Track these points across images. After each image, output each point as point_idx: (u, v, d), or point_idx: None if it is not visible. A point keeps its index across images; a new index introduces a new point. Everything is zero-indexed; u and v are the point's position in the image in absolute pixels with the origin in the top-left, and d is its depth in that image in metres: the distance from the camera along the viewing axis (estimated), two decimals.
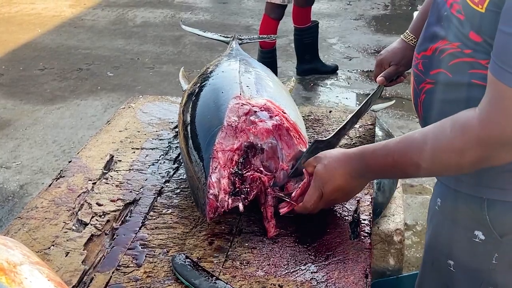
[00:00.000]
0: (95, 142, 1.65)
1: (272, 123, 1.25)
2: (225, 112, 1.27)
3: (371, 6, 6.44)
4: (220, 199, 1.17)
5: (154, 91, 4.35)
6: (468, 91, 1.02)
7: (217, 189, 1.18)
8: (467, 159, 0.98)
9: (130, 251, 1.21)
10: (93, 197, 1.39)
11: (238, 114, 1.26)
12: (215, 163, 1.19)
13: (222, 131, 1.23)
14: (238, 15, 6.26)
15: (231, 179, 1.19)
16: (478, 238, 1.12)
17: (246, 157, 1.22)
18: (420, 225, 2.83)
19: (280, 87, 1.56)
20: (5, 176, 3.37)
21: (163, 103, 1.90)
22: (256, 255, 1.20)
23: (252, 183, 1.21)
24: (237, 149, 1.21)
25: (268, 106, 1.29)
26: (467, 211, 1.13)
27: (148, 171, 1.51)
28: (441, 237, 1.22)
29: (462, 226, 1.15)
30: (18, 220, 1.32)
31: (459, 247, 1.17)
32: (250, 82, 1.42)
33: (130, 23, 6.04)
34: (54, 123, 3.96)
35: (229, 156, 1.20)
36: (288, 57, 4.94)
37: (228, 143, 1.22)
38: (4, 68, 4.94)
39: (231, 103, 1.29)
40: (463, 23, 0.98)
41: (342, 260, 1.17)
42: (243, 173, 1.20)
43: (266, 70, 1.61)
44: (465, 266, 1.17)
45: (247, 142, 1.22)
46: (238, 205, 1.18)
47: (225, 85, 1.40)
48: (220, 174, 1.18)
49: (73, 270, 1.15)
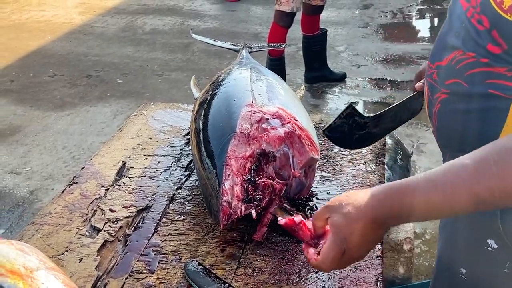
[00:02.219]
0: (108, 149, 1.66)
1: (284, 130, 1.26)
2: (237, 119, 1.28)
3: (379, 14, 6.45)
4: (234, 206, 1.18)
5: (163, 98, 4.37)
6: (484, 102, 1.02)
7: (230, 196, 1.18)
8: None
9: (143, 257, 1.22)
10: (106, 203, 1.40)
11: (250, 122, 1.27)
12: (228, 170, 1.20)
13: (235, 138, 1.24)
14: (247, 22, 6.28)
15: (244, 186, 1.20)
16: (490, 246, 1.12)
17: (259, 164, 1.23)
18: (429, 234, 2.83)
19: (291, 94, 1.56)
20: (15, 181, 3.39)
21: (174, 110, 1.91)
22: (268, 263, 1.21)
23: (264, 190, 1.22)
24: (249, 157, 1.22)
25: (280, 113, 1.30)
26: (480, 220, 1.13)
27: (160, 177, 1.52)
28: (454, 245, 1.22)
29: (475, 234, 1.15)
30: (32, 225, 1.34)
31: (471, 256, 1.17)
32: (262, 90, 1.43)
33: (139, 30, 6.08)
34: (64, 129, 3.98)
35: (242, 163, 1.21)
36: (296, 64, 4.95)
37: (241, 150, 1.23)
38: (15, 74, 4.98)
39: (243, 110, 1.30)
40: (481, 34, 0.98)
41: (354, 268, 1.17)
42: (256, 180, 1.21)
43: (277, 78, 1.62)
44: (477, 274, 1.17)
45: (260, 149, 1.23)
46: (251, 212, 1.19)
47: (237, 93, 1.41)
48: (233, 181, 1.19)
49: (86, 276, 1.17)
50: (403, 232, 1.99)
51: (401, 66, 4.93)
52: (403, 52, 5.22)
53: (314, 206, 1.38)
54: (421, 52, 5.18)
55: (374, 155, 1.59)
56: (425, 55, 5.10)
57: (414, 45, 5.43)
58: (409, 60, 5.05)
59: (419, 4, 6.80)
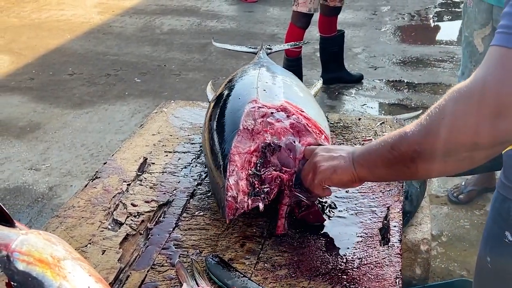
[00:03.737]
0: (129, 145, 1.69)
1: (290, 121, 1.28)
2: (241, 116, 1.30)
3: (396, 16, 6.43)
4: (240, 200, 1.21)
5: (180, 97, 4.40)
6: None
7: (235, 191, 1.21)
8: (482, 127, 0.87)
9: (164, 250, 1.24)
10: (128, 198, 1.43)
11: (254, 118, 1.30)
12: (232, 166, 1.22)
13: (238, 135, 1.27)
14: (264, 23, 6.30)
15: (249, 181, 1.22)
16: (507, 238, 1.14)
17: (265, 157, 1.25)
18: (446, 236, 2.82)
19: (300, 88, 1.59)
20: (35, 177, 3.44)
21: (194, 108, 1.93)
22: (287, 258, 1.22)
23: (271, 182, 1.23)
24: (254, 151, 1.25)
25: (285, 106, 1.33)
26: (501, 212, 1.16)
27: (181, 173, 1.54)
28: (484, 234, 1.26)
29: (497, 226, 1.17)
30: (56, 218, 1.37)
31: (494, 246, 1.20)
32: (267, 86, 1.46)
33: (157, 30, 6.13)
34: (83, 127, 4.03)
35: (246, 158, 1.24)
36: (313, 65, 4.95)
37: (245, 146, 1.25)
38: (35, 72, 5.05)
39: (247, 107, 1.33)
40: None
41: (373, 265, 1.18)
42: (262, 173, 1.23)
43: (286, 74, 1.65)
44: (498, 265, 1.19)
45: (264, 143, 1.25)
46: (258, 205, 1.21)
47: (243, 91, 1.44)
48: (238, 177, 1.22)
49: (109, 268, 1.19)
50: (420, 233, 1.99)
51: (419, 69, 4.91)
52: (420, 55, 5.20)
53: (332, 204, 1.40)
54: (439, 55, 5.16)
55: None
56: (443, 57, 5.08)
57: (431, 48, 5.41)
58: (426, 62, 5.03)
59: (437, 7, 6.76)
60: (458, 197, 3.05)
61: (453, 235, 2.83)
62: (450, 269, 2.59)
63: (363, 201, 1.40)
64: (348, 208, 1.38)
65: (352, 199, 1.41)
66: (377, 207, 1.38)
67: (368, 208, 1.37)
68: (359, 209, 1.37)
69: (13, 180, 3.42)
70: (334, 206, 1.39)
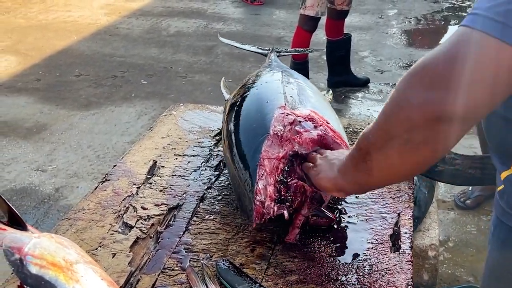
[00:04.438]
0: (139, 148, 1.69)
1: (317, 132, 1.27)
2: (270, 121, 1.29)
3: (403, 20, 6.43)
4: (266, 206, 1.19)
5: (187, 99, 4.40)
6: None
7: (264, 196, 1.20)
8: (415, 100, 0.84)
9: (175, 254, 1.24)
10: (138, 201, 1.43)
11: (283, 124, 1.28)
12: (262, 170, 1.21)
13: (268, 139, 1.25)
14: (270, 26, 6.30)
15: (276, 187, 1.21)
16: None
17: (291, 165, 1.24)
18: (452, 242, 2.81)
19: (322, 98, 1.58)
20: (41, 178, 3.45)
21: (203, 112, 1.93)
22: (297, 264, 1.22)
23: (295, 191, 1.23)
24: (282, 158, 1.23)
25: (312, 116, 1.31)
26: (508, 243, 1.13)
27: (190, 177, 1.54)
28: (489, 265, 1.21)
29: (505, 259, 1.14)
30: (66, 220, 1.37)
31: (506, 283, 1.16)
32: (293, 92, 1.44)
33: (163, 32, 6.14)
34: (89, 129, 4.04)
35: (274, 164, 1.22)
36: (319, 68, 4.95)
37: (274, 151, 1.24)
38: (41, 73, 5.06)
39: (276, 112, 1.31)
40: None
41: (384, 272, 1.18)
42: (288, 181, 1.22)
43: (307, 82, 1.63)
44: None
45: (292, 151, 1.24)
46: (284, 213, 1.20)
47: (270, 95, 1.42)
48: (266, 182, 1.20)
49: (120, 271, 1.19)
50: (428, 239, 1.99)
51: None
52: None
53: (343, 210, 1.40)
54: None
55: None
56: None
57: None
58: None
59: (444, 11, 6.75)
60: (465, 202, 3.04)
61: (460, 240, 2.82)
62: (457, 275, 2.58)
63: (374, 207, 1.39)
64: (358, 214, 1.37)
65: (362, 205, 1.40)
66: (387, 213, 1.37)
67: (378, 214, 1.37)
68: (369, 215, 1.37)
69: (19, 181, 3.42)
70: (344, 212, 1.38)
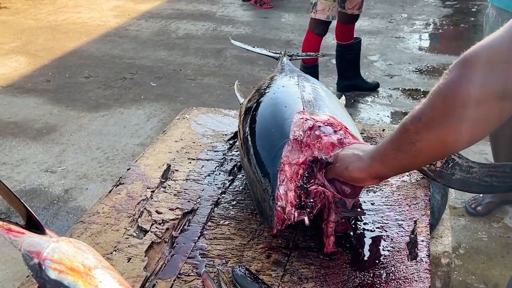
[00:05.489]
0: (152, 151, 1.68)
1: (337, 137, 1.25)
2: (290, 126, 1.28)
3: (412, 24, 6.41)
4: (287, 212, 1.18)
5: (196, 102, 4.41)
6: None
7: (284, 201, 1.19)
8: None
9: (190, 260, 1.23)
10: (152, 205, 1.42)
11: (303, 129, 1.27)
12: (282, 175, 1.20)
13: (288, 144, 1.24)
14: (279, 29, 6.30)
15: (297, 193, 1.20)
16: None
17: (311, 171, 1.23)
18: (463, 249, 2.79)
19: (338, 103, 1.57)
20: (51, 180, 3.46)
21: (216, 115, 1.93)
22: (313, 271, 1.21)
23: (316, 197, 1.21)
24: (302, 163, 1.22)
25: (332, 121, 1.30)
26: None
27: (205, 181, 1.53)
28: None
29: None
30: (81, 224, 1.36)
31: None
32: (311, 97, 1.43)
33: (173, 34, 6.15)
34: (98, 130, 4.04)
35: (295, 169, 1.21)
36: (328, 72, 4.94)
37: (294, 156, 1.23)
38: (51, 74, 5.08)
39: (295, 117, 1.30)
40: None
41: (401, 280, 1.16)
42: (308, 187, 1.21)
43: (322, 87, 1.62)
44: None
45: (312, 156, 1.23)
46: (304, 219, 1.19)
47: (288, 100, 1.41)
48: (287, 187, 1.19)
49: (135, 276, 1.18)
50: (441, 246, 1.97)
51: (435, 77, 4.87)
52: (437, 64, 5.18)
53: (359, 217, 1.38)
54: None
55: None
56: None
57: (447, 57, 5.37)
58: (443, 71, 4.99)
59: (453, 15, 6.73)
60: (476, 208, 3.02)
61: (471, 247, 2.80)
62: (468, 282, 2.56)
63: (390, 214, 1.38)
64: (375, 221, 1.36)
65: (378, 212, 1.39)
66: (404, 220, 1.36)
67: (394, 222, 1.36)
68: (385, 223, 1.36)
69: (29, 182, 3.43)
70: (360, 219, 1.37)
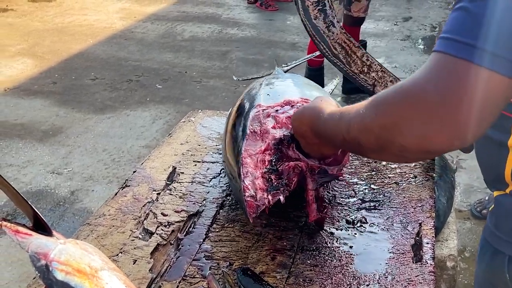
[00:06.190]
0: (158, 154, 1.69)
1: (294, 110, 1.28)
2: (247, 122, 1.32)
3: (418, 27, 6.40)
4: (259, 198, 1.21)
5: (201, 104, 4.42)
6: None
7: (253, 190, 1.21)
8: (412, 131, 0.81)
9: (196, 262, 1.24)
10: (158, 207, 1.43)
11: (260, 120, 1.31)
12: (245, 168, 1.24)
13: (246, 139, 1.28)
14: (284, 32, 6.31)
15: (265, 178, 1.23)
16: None
17: (281, 152, 1.25)
18: (469, 252, 2.78)
19: (309, 85, 1.60)
20: (57, 181, 3.47)
21: (221, 118, 1.93)
22: (319, 273, 1.21)
23: (289, 173, 1.23)
24: (265, 150, 1.25)
25: (288, 100, 1.35)
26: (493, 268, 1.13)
27: (210, 184, 1.54)
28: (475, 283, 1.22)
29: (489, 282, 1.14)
30: (87, 226, 1.37)
31: None
32: (271, 90, 1.47)
33: (178, 37, 6.17)
34: (104, 132, 4.06)
35: (259, 158, 1.25)
36: (333, 75, 4.92)
37: (256, 147, 1.26)
38: (57, 76, 5.11)
39: (251, 113, 1.34)
40: None
41: (406, 283, 1.17)
42: (277, 167, 1.23)
43: (294, 77, 1.68)
44: None
45: (275, 139, 1.26)
46: (280, 198, 1.22)
47: (248, 100, 1.45)
48: (253, 177, 1.22)
49: (141, 278, 1.19)
50: (446, 249, 1.97)
51: None
52: None
53: (363, 219, 1.39)
54: None
55: (424, 169, 1.58)
56: None
57: None
58: None
59: None
60: (481, 212, 3.01)
61: (476, 250, 2.79)
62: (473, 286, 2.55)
63: (394, 217, 1.38)
64: (379, 223, 1.36)
65: (383, 214, 1.40)
66: (408, 223, 1.36)
67: (399, 224, 1.36)
68: (390, 225, 1.36)
69: (35, 184, 3.45)
70: (365, 221, 1.38)
